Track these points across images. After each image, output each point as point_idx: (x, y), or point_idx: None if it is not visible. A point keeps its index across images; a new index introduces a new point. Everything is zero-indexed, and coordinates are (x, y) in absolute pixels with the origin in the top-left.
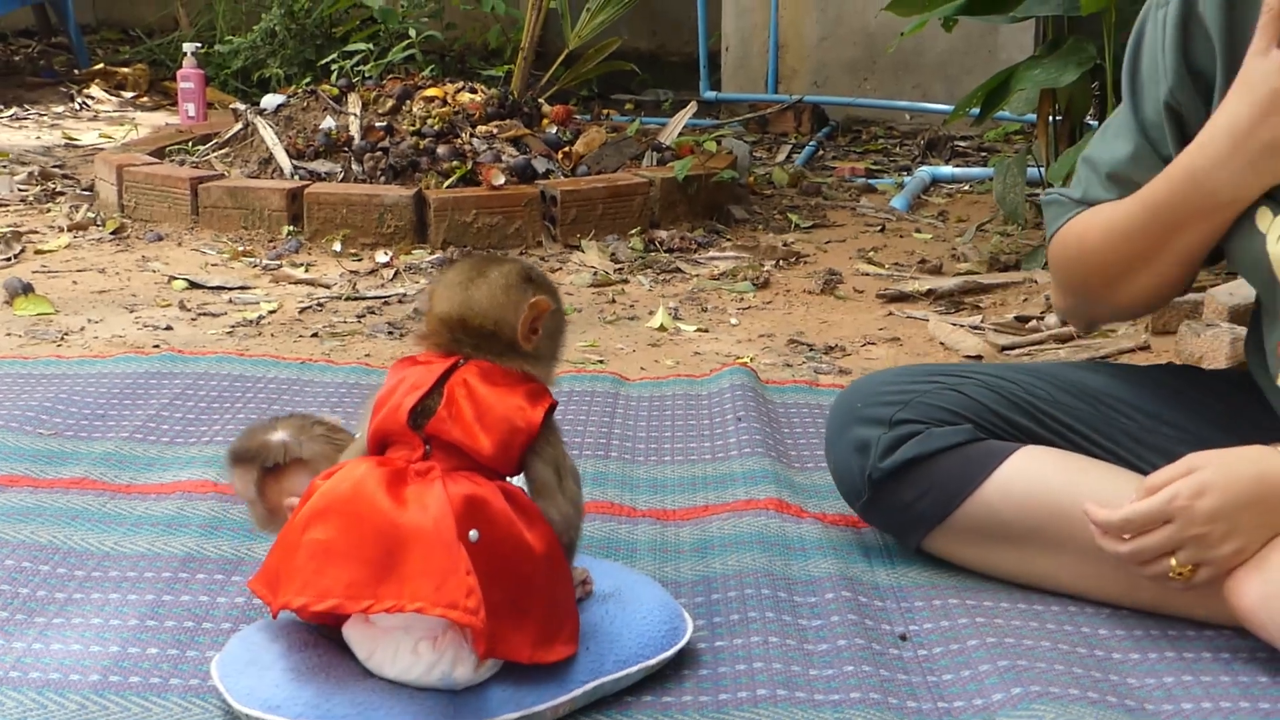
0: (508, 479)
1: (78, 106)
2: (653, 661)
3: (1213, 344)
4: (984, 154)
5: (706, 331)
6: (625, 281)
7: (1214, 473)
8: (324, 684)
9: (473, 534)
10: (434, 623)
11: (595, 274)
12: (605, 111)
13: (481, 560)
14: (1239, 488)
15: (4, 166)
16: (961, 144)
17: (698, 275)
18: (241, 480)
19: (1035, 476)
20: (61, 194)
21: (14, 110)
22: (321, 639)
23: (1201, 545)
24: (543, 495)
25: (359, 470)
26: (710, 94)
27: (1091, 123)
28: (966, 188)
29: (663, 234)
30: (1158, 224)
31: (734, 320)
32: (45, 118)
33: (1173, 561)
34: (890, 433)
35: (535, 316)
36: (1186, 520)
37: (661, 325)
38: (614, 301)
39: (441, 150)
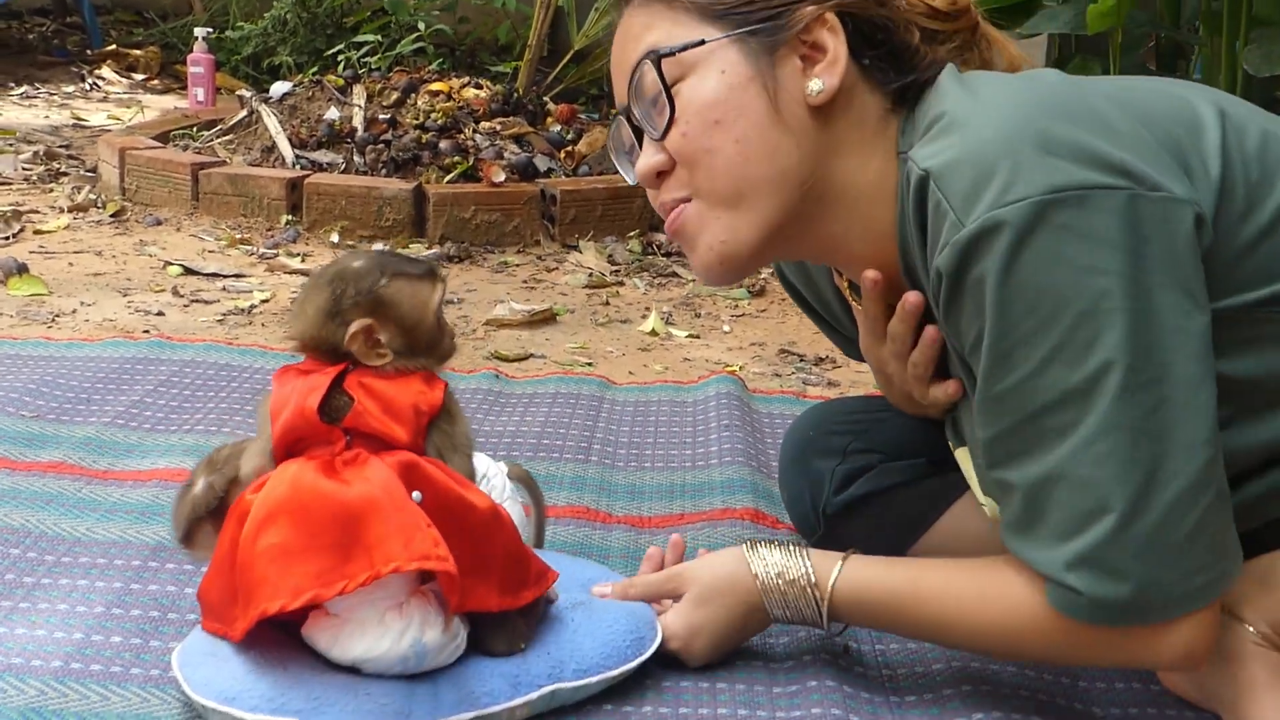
0: None
1: (88, 87)
2: (614, 673)
3: None
4: None
5: (698, 338)
6: (620, 284)
7: (700, 613)
8: (280, 677)
9: (416, 495)
10: (396, 591)
11: (591, 275)
12: (613, 111)
13: (431, 518)
14: (720, 618)
15: (10, 145)
16: None
17: (693, 280)
18: (210, 545)
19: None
20: (65, 174)
21: (24, 88)
22: (281, 634)
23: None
24: None
25: (290, 470)
26: None
27: None
28: None
29: (661, 237)
30: None
31: (726, 327)
32: (55, 97)
33: None
34: (843, 465)
35: (365, 339)
36: (687, 656)
37: (653, 330)
38: (608, 304)
39: (444, 145)
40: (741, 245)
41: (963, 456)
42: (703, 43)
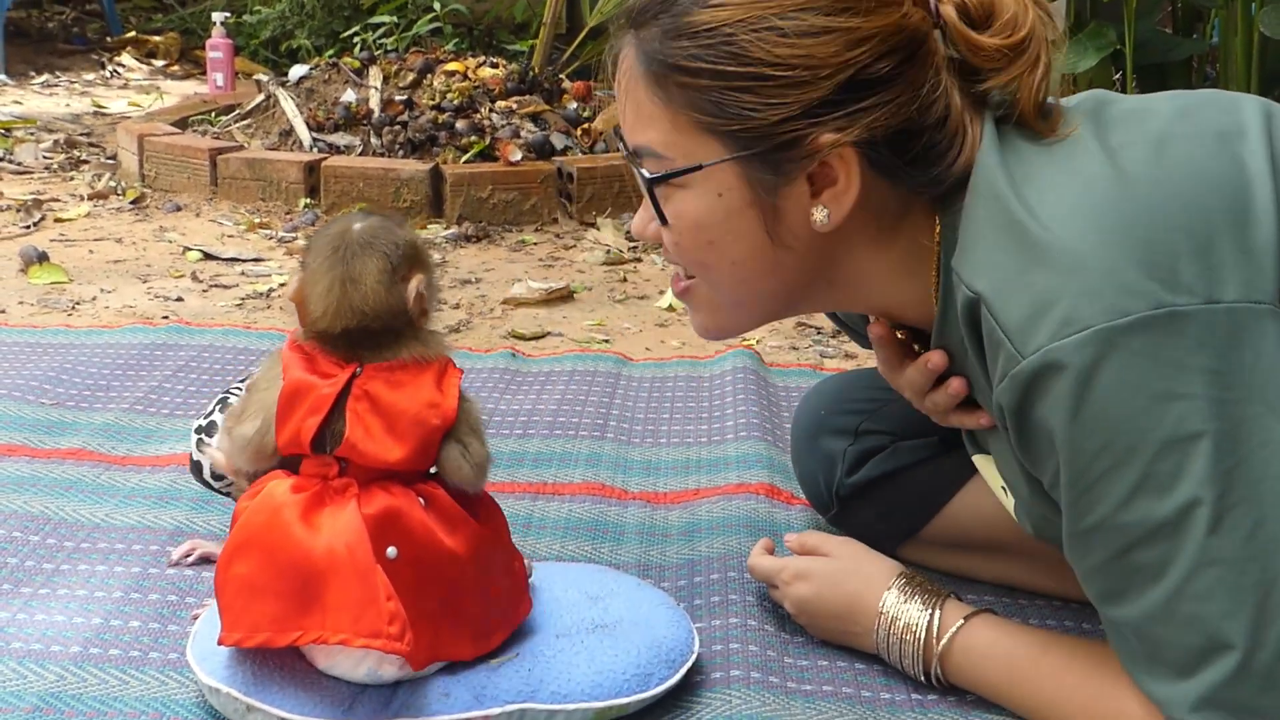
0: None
1: (108, 74)
2: (598, 704)
3: None
4: None
5: None
6: (638, 260)
7: (826, 571)
8: (246, 653)
9: (390, 551)
10: None
11: (608, 252)
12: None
13: (405, 574)
14: (831, 598)
15: (31, 134)
16: None
17: None
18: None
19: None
20: (86, 162)
21: (45, 77)
22: None
23: (795, 618)
24: (451, 474)
25: (277, 495)
26: None
27: None
28: None
29: None
30: None
31: None
32: (76, 85)
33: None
34: (856, 445)
35: (421, 296)
36: (782, 593)
37: (670, 305)
38: (625, 280)
39: (460, 125)
40: (738, 329)
41: (982, 463)
42: (699, 168)
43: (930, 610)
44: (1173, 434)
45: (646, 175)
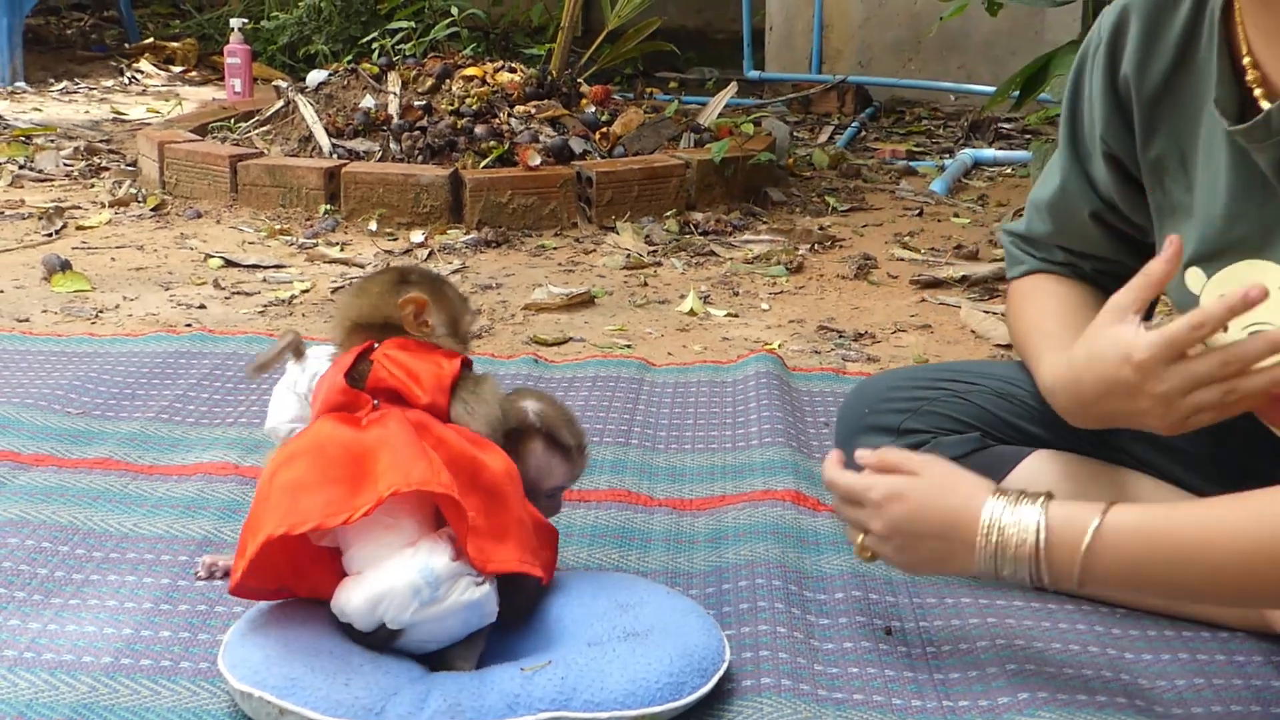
0: None
1: (127, 81)
2: (632, 713)
3: None
4: (1028, 137)
5: (736, 316)
6: (658, 264)
7: (921, 489)
8: (278, 655)
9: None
10: (409, 533)
11: (628, 256)
12: (649, 90)
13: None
14: (929, 517)
15: (51, 141)
16: (1006, 126)
17: (731, 259)
18: None
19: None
20: (106, 169)
21: (64, 84)
22: (317, 621)
23: (879, 542)
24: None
25: (316, 424)
26: (754, 73)
27: None
28: (1009, 171)
29: (698, 216)
30: None
31: (765, 305)
32: (95, 92)
33: (860, 539)
34: (898, 442)
35: (415, 309)
36: (872, 514)
37: (691, 310)
38: (645, 284)
39: (479, 130)
40: None
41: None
42: None
43: (1041, 512)
44: None
45: None
